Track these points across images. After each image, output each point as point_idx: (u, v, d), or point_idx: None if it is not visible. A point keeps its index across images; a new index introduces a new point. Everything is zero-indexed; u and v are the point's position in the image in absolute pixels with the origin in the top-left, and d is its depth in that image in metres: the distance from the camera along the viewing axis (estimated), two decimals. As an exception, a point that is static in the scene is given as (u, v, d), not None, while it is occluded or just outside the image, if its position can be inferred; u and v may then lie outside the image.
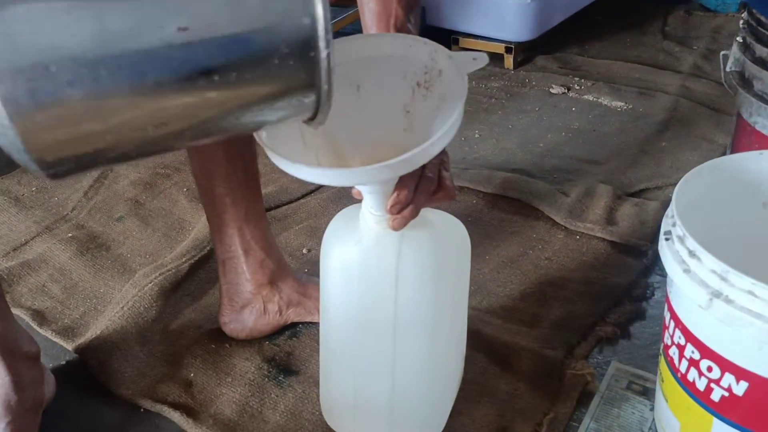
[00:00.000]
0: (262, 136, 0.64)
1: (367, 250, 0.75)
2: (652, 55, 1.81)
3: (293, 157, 0.64)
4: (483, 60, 0.71)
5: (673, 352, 0.77)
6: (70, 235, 1.27)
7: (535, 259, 1.14)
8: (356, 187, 0.72)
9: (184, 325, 1.06)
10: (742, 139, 1.03)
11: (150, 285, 1.10)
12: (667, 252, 0.73)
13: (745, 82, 0.98)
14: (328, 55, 0.48)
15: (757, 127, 0.99)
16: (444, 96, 0.71)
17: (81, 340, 1.03)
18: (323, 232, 1.24)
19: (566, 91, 1.65)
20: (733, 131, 1.06)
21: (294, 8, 0.46)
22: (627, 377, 0.94)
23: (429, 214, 0.78)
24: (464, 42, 1.84)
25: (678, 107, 1.53)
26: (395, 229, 0.71)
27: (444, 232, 0.79)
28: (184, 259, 1.16)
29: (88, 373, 0.99)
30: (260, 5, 0.46)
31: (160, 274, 1.12)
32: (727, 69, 1.03)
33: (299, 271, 1.13)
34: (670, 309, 0.76)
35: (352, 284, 0.77)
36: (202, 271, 1.17)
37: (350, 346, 0.81)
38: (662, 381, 0.81)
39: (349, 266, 0.77)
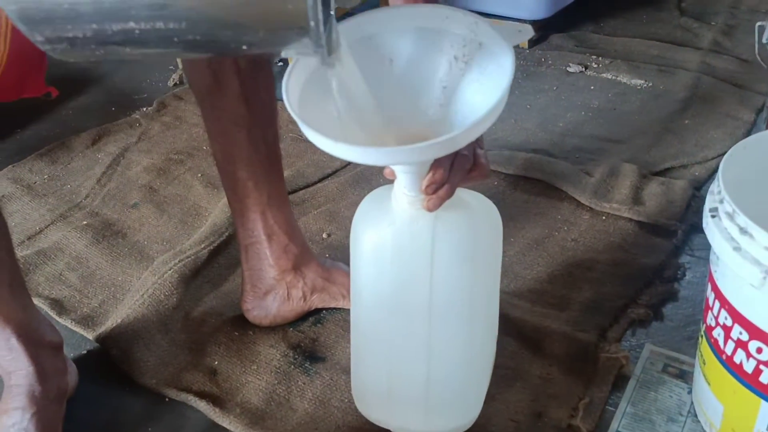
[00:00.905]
0: (295, 110, 0.62)
1: (400, 232, 0.73)
2: (669, 31, 1.78)
3: (325, 133, 0.61)
4: (528, 32, 0.68)
5: (718, 333, 0.74)
6: (85, 222, 1.25)
7: (561, 241, 1.12)
8: (390, 166, 0.70)
9: (206, 312, 1.04)
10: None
11: (169, 272, 1.07)
12: (714, 230, 0.70)
13: (782, 54, 0.95)
14: None
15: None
16: (484, 70, 0.68)
17: (102, 330, 1.01)
18: (342, 217, 1.23)
19: (584, 69, 1.62)
20: (768, 105, 1.03)
21: None
22: (662, 360, 0.92)
23: (462, 193, 0.76)
24: (478, 21, 1.80)
25: (700, 84, 1.50)
26: (430, 209, 0.69)
27: (478, 212, 0.77)
28: (203, 245, 1.13)
29: (111, 363, 0.97)
30: None
31: (179, 261, 1.09)
32: (764, 41, 1.00)
33: (321, 256, 1.11)
34: (715, 289, 0.74)
35: (384, 267, 0.75)
36: (222, 257, 1.14)
37: (383, 331, 0.78)
38: (703, 364, 0.79)
39: (381, 249, 0.75)
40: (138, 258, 1.16)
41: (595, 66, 1.63)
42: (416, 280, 0.74)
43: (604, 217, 1.15)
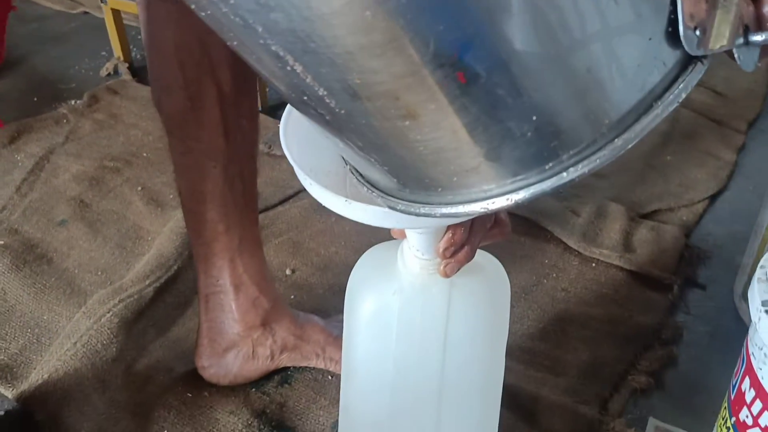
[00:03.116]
0: (296, 160, 0.52)
1: (410, 302, 0.62)
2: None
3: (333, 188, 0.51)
4: None
5: (756, 434, 0.67)
6: (1, 242, 1.06)
7: (551, 290, 1.03)
8: None
9: (152, 366, 0.89)
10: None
11: (108, 315, 0.91)
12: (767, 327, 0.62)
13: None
14: None
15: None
16: None
17: (24, 386, 0.84)
18: (307, 249, 1.10)
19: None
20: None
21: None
22: (668, 438, 0.84)
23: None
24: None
25: (678, 117, 1.44)
26: (447, 275, 0.58)
27: (494, 277, 0.66)
28: (147, 282, 0.98)
29: (35, 429, 0.81)
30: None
31: (119, 301, 0.93)
32: None
33: (286, 298, 0.98)
34: (756, 385, 0.66)
35: (388, 342, 0.64)
36: (169, 295, 0.99)
37: (383, 416, 0.67)
38: (729, 458, 0.72)
39: (385, 321, 0.63)
40: (67, 291, 0.99)
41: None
42: (426, 357, 0.63)
43: (593, 264, 1.07)
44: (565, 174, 0.36)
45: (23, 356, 0.90)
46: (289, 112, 0.55)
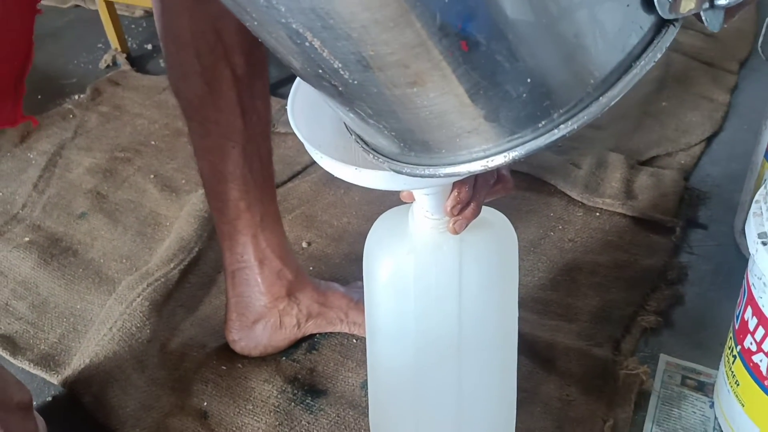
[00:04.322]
0: (305, 134, 0.55)
1: (423, 260, 0.66)
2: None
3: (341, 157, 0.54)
4: None
5: (760, 359, 0.71)
6: (27, 238, 1.10)
7: (558, 242, 1.07)
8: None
9: (185, 344, 0.94)
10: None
11: (138, 299, 0.96)
12: (764, 257, 0.66)
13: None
14: None
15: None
16: None
17: (68, 372, 0.89)
18: (321, 221, 1.14)
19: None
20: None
21: None
22: (679, 372, 0.89)
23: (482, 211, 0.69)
24: None
25: (671, 62, 1.46)
26: (457, 232, 0.62)
27: (501, 231, 0.70)
28: (172, 265, 1.02)
29: (82, 411, 0.86)
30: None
31: (147, 285, 0.98)
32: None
33: (306, 270, 1.02)
34: (759, 315, 0.70)
35: (407, 301, 0.68)
36: (193, 276, 1.03)
37: (408, 370, 0.71)
38: (736, 384, 0.76)
39: (402, 279, 0.67)
40: (96, 280, 1.04)
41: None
42: (444, 311, 0.67)
43: (597, 213, 1.11)
44: (556, 131, 0.39)
45: (62, 344, 0.94)
46: (295, 91, 0.58)
